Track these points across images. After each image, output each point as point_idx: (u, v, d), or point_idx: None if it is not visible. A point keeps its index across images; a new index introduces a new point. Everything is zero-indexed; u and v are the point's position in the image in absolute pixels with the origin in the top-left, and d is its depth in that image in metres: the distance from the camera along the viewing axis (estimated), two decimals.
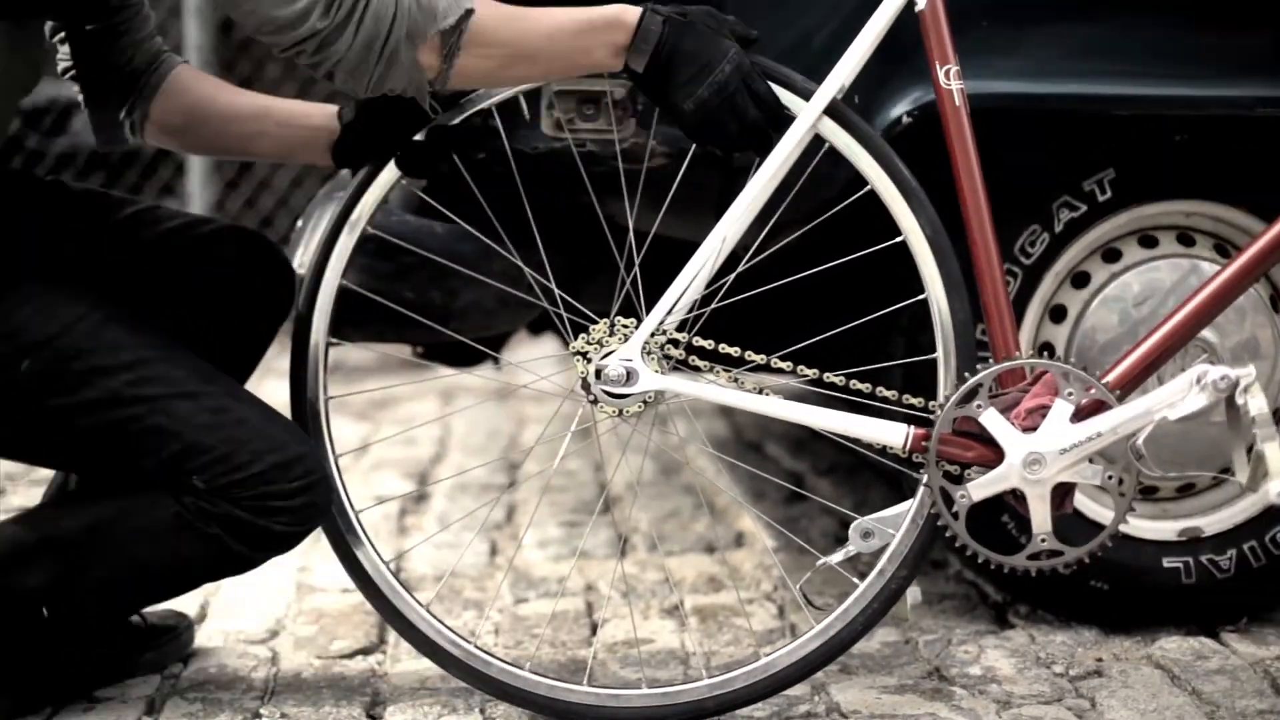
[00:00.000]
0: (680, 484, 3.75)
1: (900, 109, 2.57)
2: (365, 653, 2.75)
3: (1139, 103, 2.66)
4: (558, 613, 2.94)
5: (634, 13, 2.29)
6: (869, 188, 2.38)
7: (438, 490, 3.75)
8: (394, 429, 4.26)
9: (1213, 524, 2.81)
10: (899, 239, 2.38)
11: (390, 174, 2.43)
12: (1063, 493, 2.36)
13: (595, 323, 2.38)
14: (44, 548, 2.39)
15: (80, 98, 2.56)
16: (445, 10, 2.20)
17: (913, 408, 2.39)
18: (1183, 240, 2.79)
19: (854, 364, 2.45)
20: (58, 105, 7.66)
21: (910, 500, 2.41)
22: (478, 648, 2.47)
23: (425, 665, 2.69)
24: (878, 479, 3.68)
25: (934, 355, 2.39)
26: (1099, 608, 2.80)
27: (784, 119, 2.34)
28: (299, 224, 2.94)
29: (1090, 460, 2.33)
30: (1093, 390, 2.34)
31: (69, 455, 2.45)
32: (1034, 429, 2.33)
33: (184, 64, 2.57)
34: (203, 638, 2.80)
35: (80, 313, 2.32)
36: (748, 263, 2.44)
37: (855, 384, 2.39)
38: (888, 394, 2.38)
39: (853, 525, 2.40)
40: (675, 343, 2.37)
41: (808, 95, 2.36)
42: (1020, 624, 2.85)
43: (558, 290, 2.44)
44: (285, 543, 2.40)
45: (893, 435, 2.37)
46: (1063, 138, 2.72)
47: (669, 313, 2.36)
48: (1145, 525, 2.78)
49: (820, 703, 2.52)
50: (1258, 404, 2.28)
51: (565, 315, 2.42)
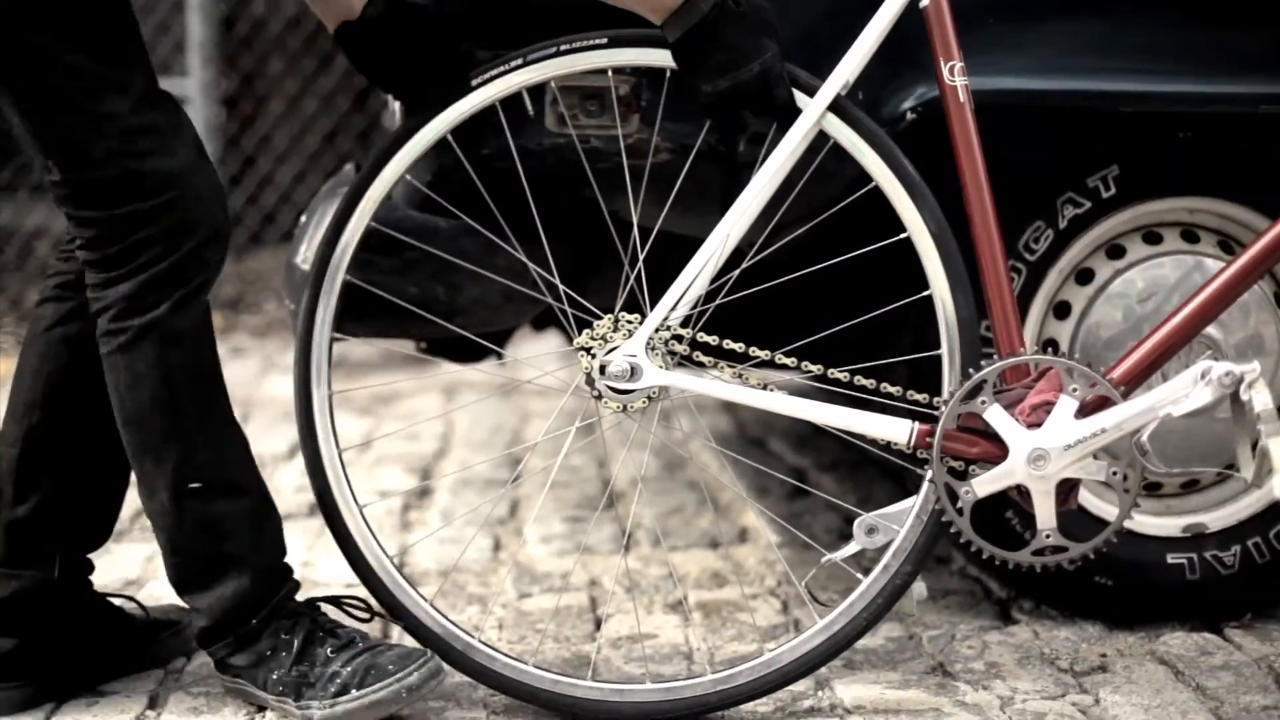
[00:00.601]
0: (684, 479, 3.75)
1: (905, 105, 2.57)
2: None
3: (1143, 99, 2.66)
4: (561, 608, 2.94)
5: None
6: (873, 184, 2.38)
7: (441, 485, 3.75)
8: (397, 424, 4.26)
9: (1217, 520, 2.80)
10: (904, 235, 2.39)
11: (395, 169, 2.43)
12: (1067, 489, 2.36)
13: (600, 318, 2.38)
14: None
15: None
16: None
17: (916, 403, 2.39)
18: (1187, 237, 2.78)
19: (859, 360, 2.46)
20: None
21: (914, 496, 2.41)
22: (481, 642, 2.47)
23: None
24: (881, 475, 3.68)
25: (938, 351, 2.40)
26: (1103, 603, 2.80)
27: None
28: (303, 219, 2.94)
29: (1095, 456, 2.33)
30: (1097, 386, 2.34)
31: None
32: (1038, 425, 2.33)
33: None
34: None
35: None
36: (752, 259, 2.44)
37: (860, 380, 2.39)
38: (892, 390, 2.39)
39: (857, 522, 2.41)
40: (679, 339, 2.37)
41: (812, 91, 2.36)
42: (1024, 619, 2.85)
43: (562, 286, 2.44)
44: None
45: (897, 431, 2.37)
46: (1067, 134, 2.72)
47: (673, 309, 2.36)
48: (1149, 521, 2.78)
49: (824, 698, 2.52)
50: (1262, 399, 2.28)
51: (570, 311, 2.42)
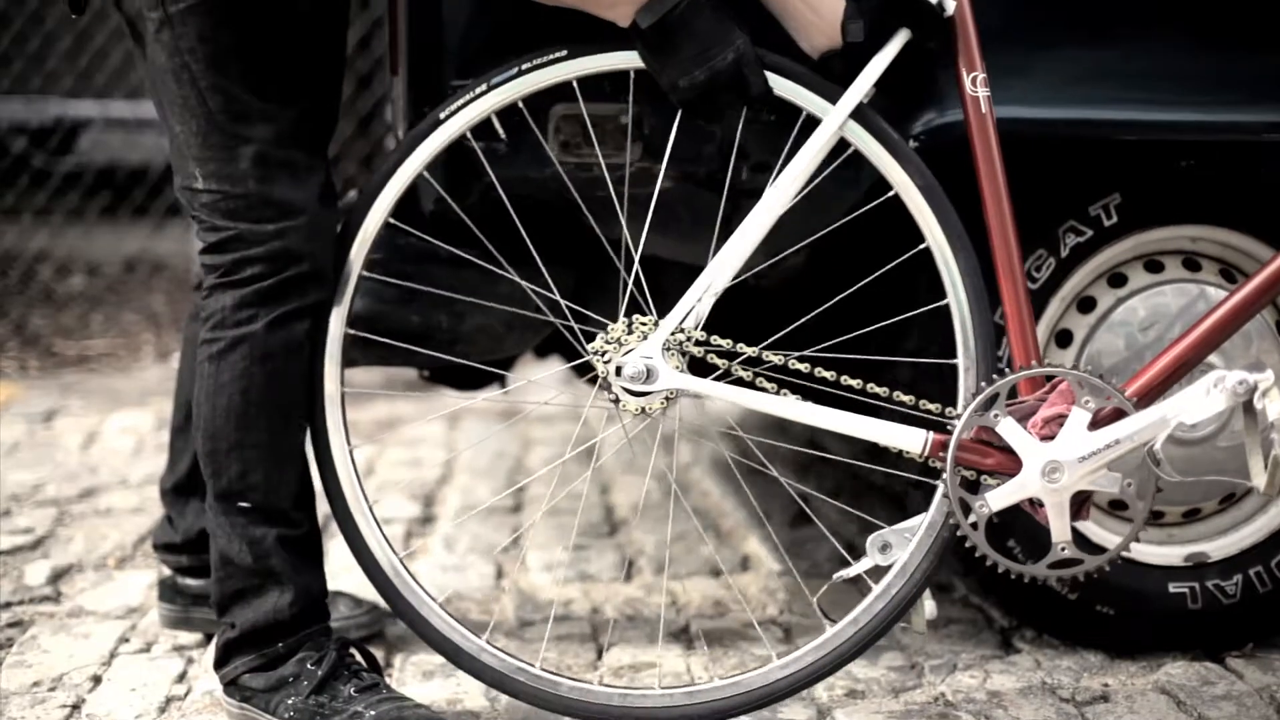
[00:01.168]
0: (686, 507, 3.75)
1: (911, 131, 2.57)
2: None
3: (1145, 128, 2.66)
4: (563, 636, 2.94)
5: None
6: (893, 192, 2.39)
7: (444, 512, 3.75)
8: (400, 450, 4.25)
9: (1219, 549, 2.80)
10: (923, 245, 2.40)
11: (413, 166, 2.43)
12: (1080, 501, 2.36)
13: (608, 328, 2.38)
14: None
15: None
16: None
17: (929, 413, 2.39)
18: (1188, 265, 2.79)
19: (869, 371, 2.45)
20: (64, 124, 7.68)
21: (927, 512, 2.40)
22: (490, 645, 2.48)
23: (431, 688, 2.69)
24: (884, 502, 3.67)
25: (954, 361, 2.40)
26: (1105, 632, 2.80)
27: (772, 107, 2.38)
28: None
29: (1109, 468, 2.33)
30: (1111, 399, 2.34)
31: None
32: (1051, 438, 2.33)
33: None
34: None
35: None
36: (770, 264, 2.43)
37: (873, 389, 2.39)
38: (904, 399, 2.38)
39: (870, 538, 2.41)
40: (696, 342, 2.36)
41: (834, 99, 2.37)
42: (1026, 648, 2.85)
43: (565, 303, 2.44)
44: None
45: (911, 440, 2.37)
46: (1069, 162, 2.72)
47: (689, 312, 2.36)
48: (1151, 550, 2.78)
49: None
50: (1276, 409, 2.28)
51: (576, 326, 2.42)
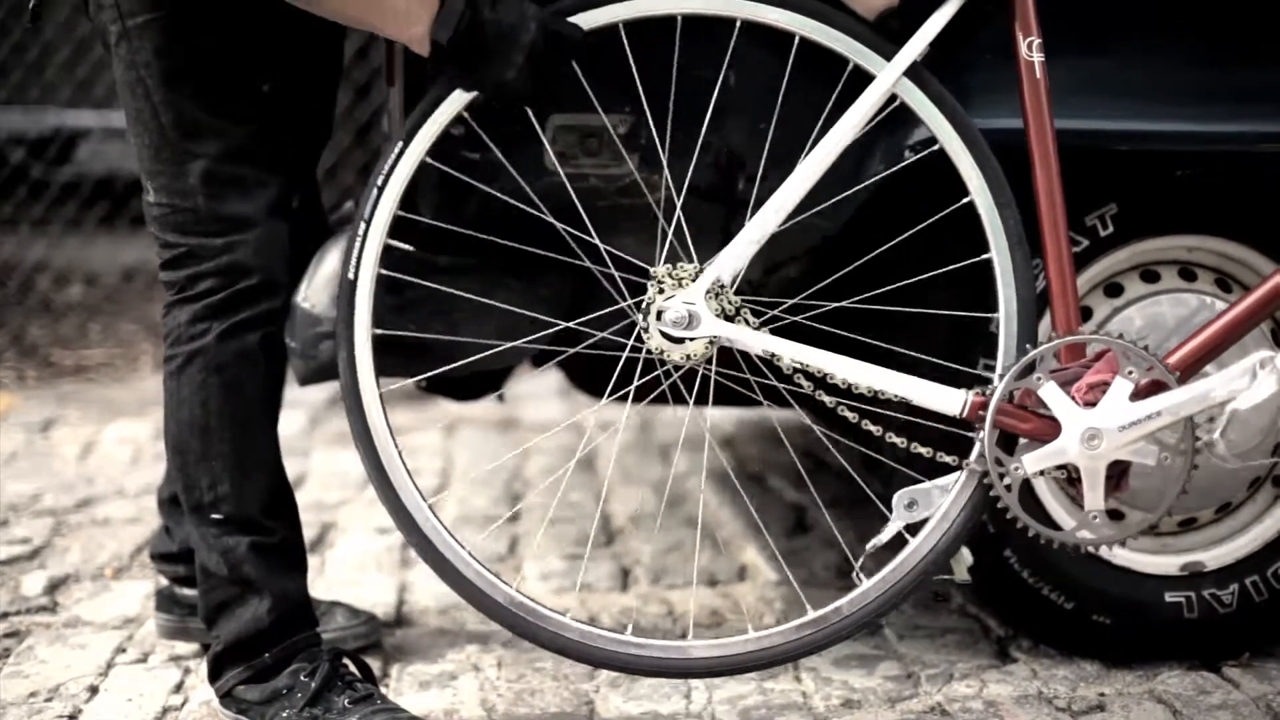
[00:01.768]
0: (683, 516, 3.75)
1: (906, 142, 2.56)
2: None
3: (1141, 138, 2.67)
4: None
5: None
6: (938, 145, 2.42)
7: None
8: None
9: (1215, 558, 2.80)
10: (966, 199, 2.43)
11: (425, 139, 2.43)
12: (1119, 472, 2.37)
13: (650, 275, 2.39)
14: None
15: None
16: None
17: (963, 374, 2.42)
18: (1184, 275, 2.79)
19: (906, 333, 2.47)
20: (63, 135, 7.69)
21: (958, 472, 2.42)
22: (520, 592, 2.49)
23: (427, 698, 2.69)
24: (882, 512, 3.67)
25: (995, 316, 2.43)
26: (1101, 642, 2.80)
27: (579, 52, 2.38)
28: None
29: (1147, 441, 2.34)
30: (1153, 370, 2.35)
31: None
32: (1093, 405, 2.34)
33: None
34: None
35: None
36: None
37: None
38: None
39: (896, 495, 2.41)
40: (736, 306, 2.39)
41: (889, 55, 2.38)
42: (1022, 658, 2.85)
43: (605, 248, 2.43)
44: None
45: (950, 401, 2.38)
46: (1065, 172, 2.72)
47: (734, 262, 2.38)
48: (1147, 559, 2.78)
49: None
50: None
51: (617, 274, 2.43)
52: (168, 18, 2.38)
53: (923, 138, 2.47)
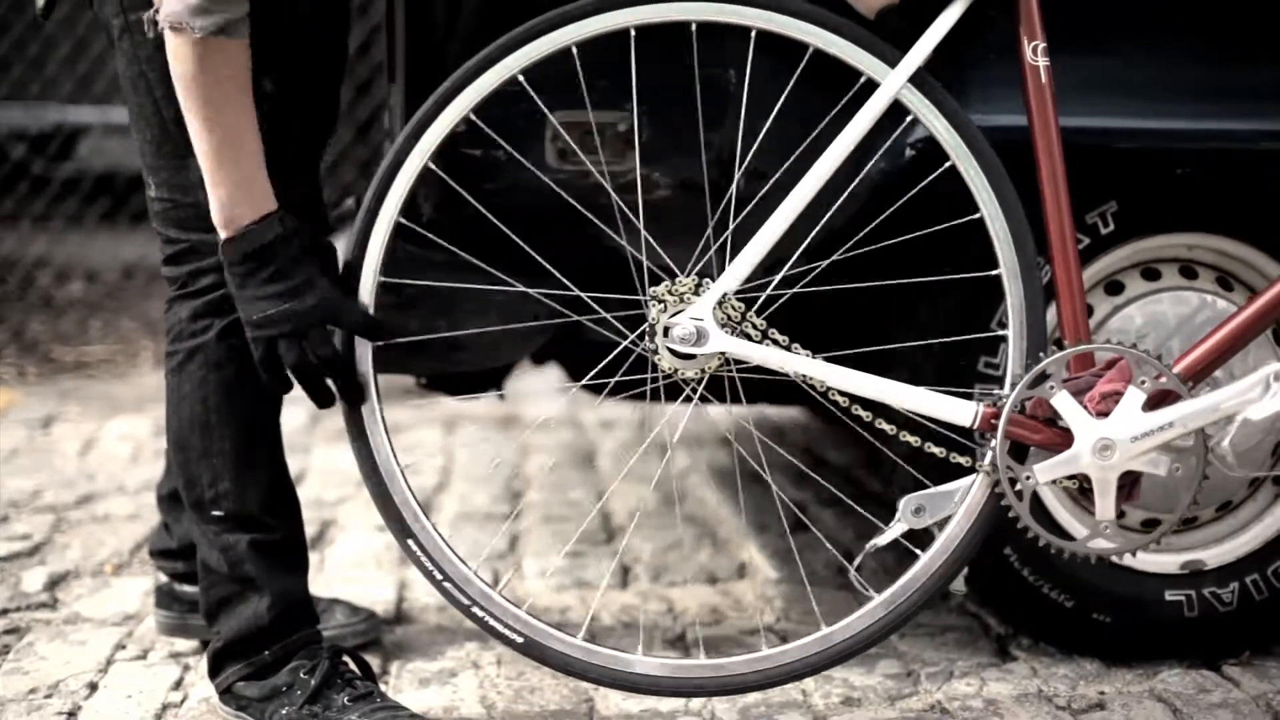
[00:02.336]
0: (683, 514, 3.75)
1: (908, 140, 2.56)
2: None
3: (1142, 136, 2.67)
4: None
5: (268, 210, 2.34)
6: (950, 163, 2.41)
7: (441, 520, 3.75)
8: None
9: (1215, 557, 2.80)
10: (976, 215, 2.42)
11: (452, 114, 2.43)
12: (1131, 482, 2.37)
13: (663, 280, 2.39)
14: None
15: None
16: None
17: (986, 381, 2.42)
18: (1185, 273, 2.79)
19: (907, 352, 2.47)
20: (63, 131, 7.69)
21: (965, 478, 2.41)
22: (502, 595, 2.49)
23: (427, 695, 2.69)
24: (880, 510, 3.67)
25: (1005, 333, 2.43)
26: (1101, 640, 2.80)
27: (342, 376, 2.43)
28: None
29: (1159, 450, 2.34)
30: (1162, 378, 2.34)
31: None
32: (1106, 414, 2.34)
33: None
34: None
35: None
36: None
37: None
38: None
39: (904, 500, 2.40)
40: (746, 321, 2.38)
41: (892, 62, 2.38)
42: (1022, 656, 2.85)
43: (647, 233, 2.43)
44: None
45: (961, 413, 2.38)
46: (1066, 170, 2.72)
47: (744, 278, 2.37)
48: (1148, 558, 2.78)
49: None
50: None
51: (645, 262, 2.42)
52: None
53: (923, 135, 2.47)
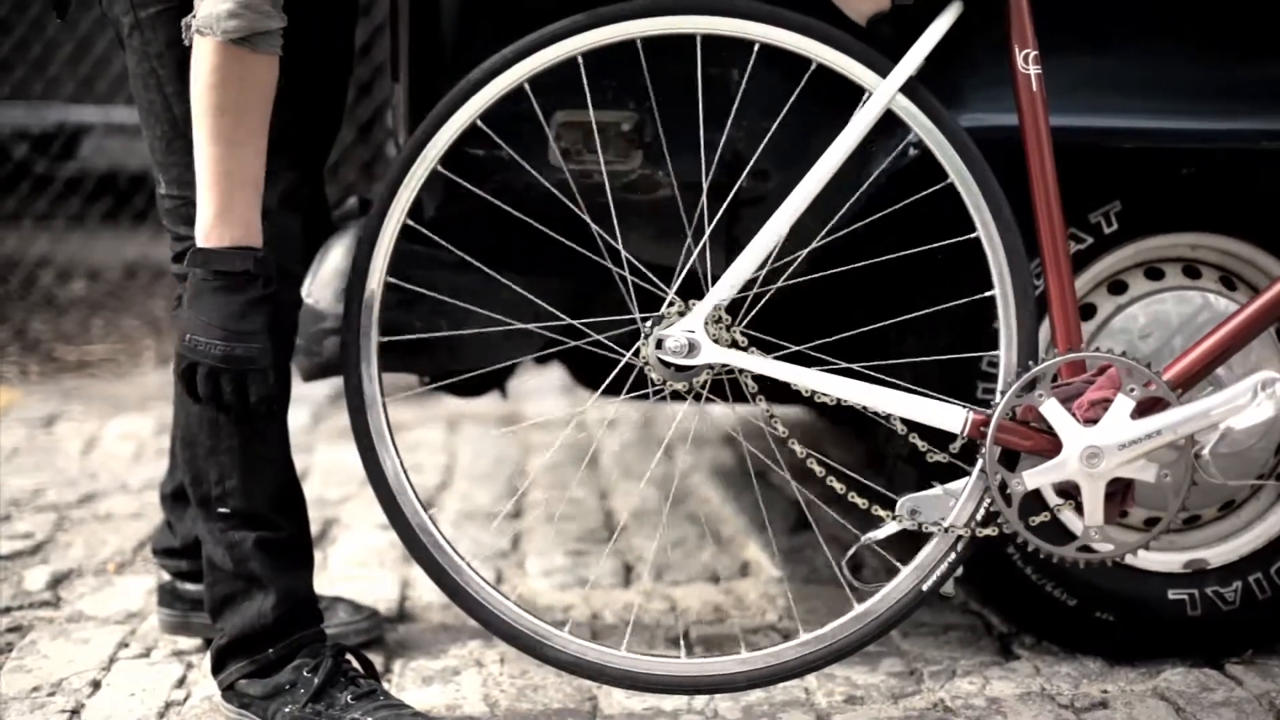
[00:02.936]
0: (685, 512, 3.75)
1: (908, 139, 2.56)
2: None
3: (1145, 135, 2.67)
4: None
5: (249, 244, 2.33)
6: (949, 181, 2.42)
7: (443, 518, 3.75)
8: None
9: (1218, 556, 2.80)
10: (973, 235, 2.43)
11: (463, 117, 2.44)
12: (1123, 488, 2.37)
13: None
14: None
15: None
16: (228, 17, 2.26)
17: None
18: (1188, 273, 2.79)
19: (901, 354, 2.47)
20: (66, 130, 7.69)
21: (961, 480, 2.41)
22: (511, 600, 2.51)
23: (430, 693, 2.69)
24: (881, 506, 3.67)
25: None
26: (1104, 639, 2.80)
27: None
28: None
29: (1147, 459, 2.34)
30: (1151, 385, 2.34)
31: None
32: (1094, 421, 2.34)
33: None
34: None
35: None
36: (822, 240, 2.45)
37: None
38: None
39: (900, 501, 2.41)
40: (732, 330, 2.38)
41: (884, 71, 2.38)
42: (1025, 655, 2.85)
43: (626, 257, 2.44)
44: None
45: (951, 419, 2.38)
46: (1069, 170, 2.72)
47: (734, 287, 2.38)
48: (1151, 557, 2.78)
49: None
50: None
51: (630, 278, 2.43)
52: (180, 9, 2.38)
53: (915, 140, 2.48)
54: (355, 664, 2.55)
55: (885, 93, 2.39)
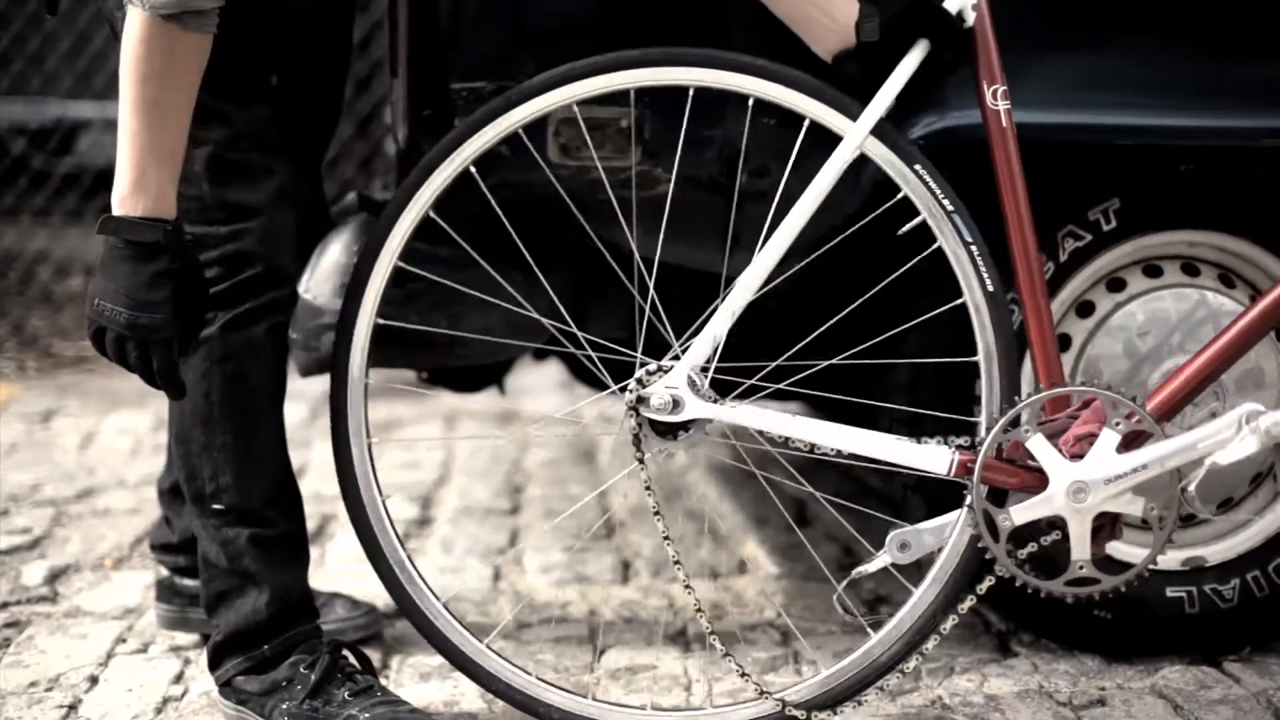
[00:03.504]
0: (683, 509, 3.75)
1: (911, 134, 2.56)
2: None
3: (1144, 133, 2.67)
4: (561, 638, 2.94)
5: (162, 216, 2.31)
6: (921, 218, 2.40)
7: (441, 514, 3.75)
8: (398, 451, 4.25)
9: (1216, 553, 2.80)
10: (960, 298, 2.42)
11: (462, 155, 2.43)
12: (1111, 521, 2.36)
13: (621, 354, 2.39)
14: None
15: None
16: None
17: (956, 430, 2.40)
18: (1187, 270, 2.79)
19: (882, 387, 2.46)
20: (63, 126, 7.68)
21: (950, 514, 2.41)
22: (490, 649, 2.50)
23: (428, 689, 2.69)
24: (880, 505, 3.67)
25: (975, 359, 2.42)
26: (1102, 636, 2.80)
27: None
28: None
29: (1134, 492, 2.34)
30: (1134, 417, 2.34)
31: None
32: (1080, 456, 2.33)
33: None
34: None
35: None
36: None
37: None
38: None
39: (890, 536, 2.40)
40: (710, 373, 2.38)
41: (853, 114, 2.37)
42: (1023, 652, 2.85)
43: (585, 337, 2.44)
44: None
45: (936, 460, 2.37)
46: (1067, 167, 2.73)
47: (714, 339, 2.36)
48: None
49: None
50: None
51: (593, 355, 2.42)
52: None
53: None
54: (353, 660, 2.55)
55: (857, 135, 2.37)
